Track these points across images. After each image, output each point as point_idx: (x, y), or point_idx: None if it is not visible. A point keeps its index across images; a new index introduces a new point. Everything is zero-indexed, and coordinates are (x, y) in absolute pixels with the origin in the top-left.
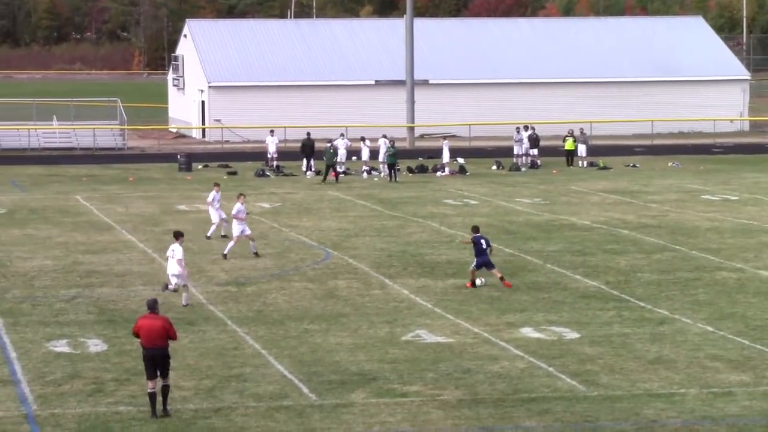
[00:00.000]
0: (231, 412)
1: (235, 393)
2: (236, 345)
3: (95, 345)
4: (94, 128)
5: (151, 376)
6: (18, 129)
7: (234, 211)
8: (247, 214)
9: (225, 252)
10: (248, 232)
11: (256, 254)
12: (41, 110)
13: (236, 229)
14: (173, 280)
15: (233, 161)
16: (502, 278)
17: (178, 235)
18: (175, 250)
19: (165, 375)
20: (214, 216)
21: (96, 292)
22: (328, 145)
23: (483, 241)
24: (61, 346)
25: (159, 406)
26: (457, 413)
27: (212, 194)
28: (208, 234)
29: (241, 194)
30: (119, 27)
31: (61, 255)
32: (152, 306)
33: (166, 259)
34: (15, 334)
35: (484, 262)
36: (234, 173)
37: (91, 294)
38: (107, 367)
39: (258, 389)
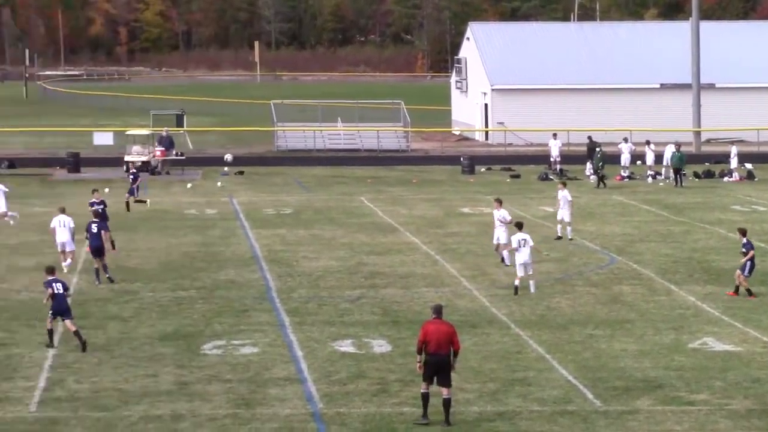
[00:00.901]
0: (515, 416)
1: (519, 397)
2: (519, 349)
3: (379, 346)
4: (377, 130)
5: (428, 380)
6: (303, 130)
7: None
8: (509, 221)
9: (506, 262)
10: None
11: (502, 260)
12: (326, 112)
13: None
14: (520, 271)
15: (516, 164)
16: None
17: (520, 225)
18: (527, 239)
19: (446, 383)
20: (564, 215)
21: (380, 293)
22: (597, 149)
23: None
24: (346, 346)
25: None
26: (747, 423)
27: (559, 194)
28: (558, 234)
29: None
30: (402, 30)
31: (345, 256)
32: (438, 311)
33: (516, 250)
34: (301, 333)
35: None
36: (517, 176)
37: (375, 295)
38: (391, 368)
39: (542, 394)
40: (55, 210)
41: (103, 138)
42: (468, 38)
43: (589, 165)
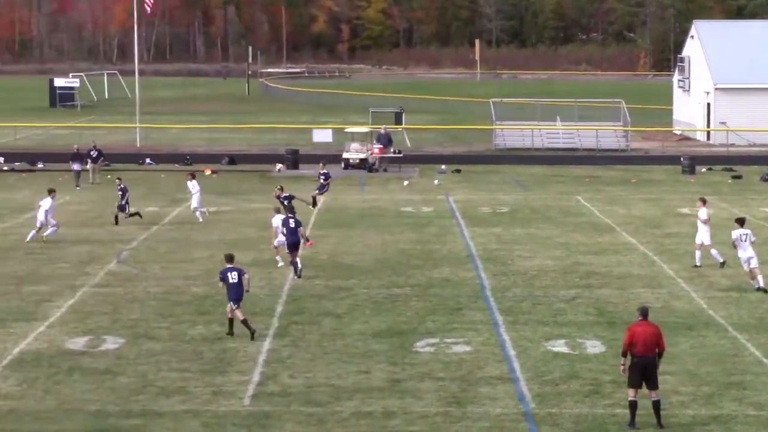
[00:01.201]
0: (730, 420)
1: (735, 401)
2: (736, 352)
3: (593, 346)
4: (597, 129)
5: (635, 385)
6: (522, 129)
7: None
8: (704, 220)
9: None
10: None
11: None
12: (545, 110)
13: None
14: (744, 266)
15: (738, 165)
16: None
17: (742, 221)
18: (749, 234)
19: (654, 386)
20: None
21: (595, 294)
22: None
23: None
24: (559, 346)
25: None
26: None
27: None
28: None
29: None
30: (625, 28)
31: (561, 255)
32: (645, 313)
33: (735, 245)
34: (514, 332)
35: None
36: (738, 177)
37: (591, 295)
38: (605, 369)
39: (758, 398)
40: (272, 206)
41: (323, 135)
42: (692, 36)
43: None
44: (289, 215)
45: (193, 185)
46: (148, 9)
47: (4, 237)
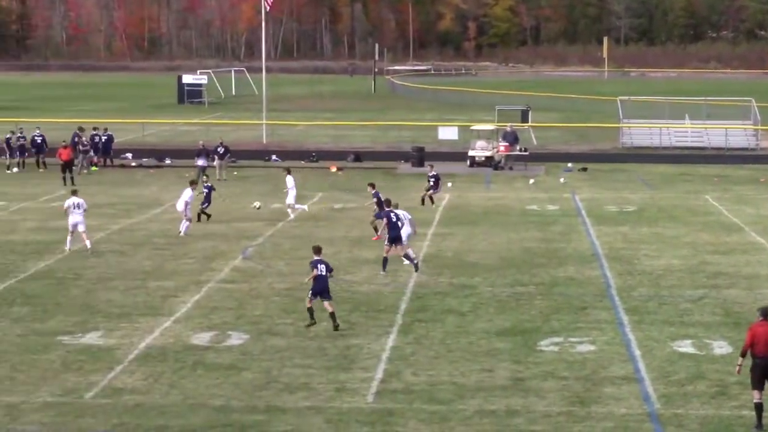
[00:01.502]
0: None
1: None
2: None
3: (720, 347)
4: (726, 128)
5: (758, 386)
6: (649, 127)
7: None
8: None
9: None
10: None
11: None
12: (673, 108)
13: None
14: None
15: None
16: None
17: None
18: None
19: None
20: None
21: (722, 294)
22: None
23: None
24: (686, 347)
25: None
26: None
27: None
28: None
29: None
30: (757, 26)
31: (688, 254)
32: (766, 313)
33: None
34: (640, 332)
35: None
36: None
37: (718, 295)
38: (731, 370)
39: None
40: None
41: (448, 132)
42: None
43: None
44: (390, 210)
45: (289, 180)
46: (267, 7)
47: (132, 233)
